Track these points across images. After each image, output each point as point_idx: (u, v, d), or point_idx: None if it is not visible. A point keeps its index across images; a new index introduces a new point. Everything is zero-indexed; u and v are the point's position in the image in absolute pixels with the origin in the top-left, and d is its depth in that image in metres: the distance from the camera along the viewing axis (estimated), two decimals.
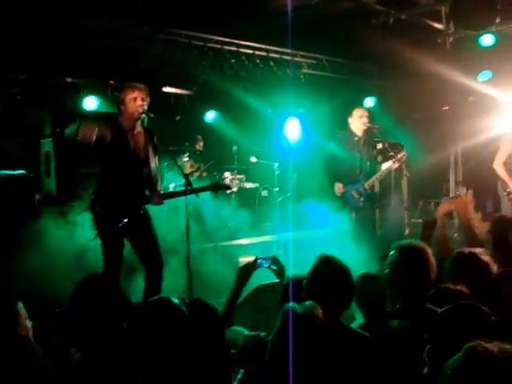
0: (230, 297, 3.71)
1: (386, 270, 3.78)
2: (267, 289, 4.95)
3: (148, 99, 5.77)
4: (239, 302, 4.09)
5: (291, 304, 2.96)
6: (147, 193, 5.85)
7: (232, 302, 3.69)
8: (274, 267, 4.00)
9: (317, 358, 2.82)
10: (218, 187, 5.81)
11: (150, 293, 5.55)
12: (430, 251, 3.85)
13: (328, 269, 3.43)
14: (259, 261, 3.94)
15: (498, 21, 8.64)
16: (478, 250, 4.18)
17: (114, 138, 5.66)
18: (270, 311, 3.97)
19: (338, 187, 7.91)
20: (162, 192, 6.02)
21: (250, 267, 3.88)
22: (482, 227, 5.78)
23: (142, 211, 5.80)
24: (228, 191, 5.97)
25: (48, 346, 3.15)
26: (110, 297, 3.26)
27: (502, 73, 9.74)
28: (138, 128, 5.84)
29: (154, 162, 5.91)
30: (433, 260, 3.79)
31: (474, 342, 2.00)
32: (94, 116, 5.80)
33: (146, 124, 5.95)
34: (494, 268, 3.98)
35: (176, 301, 2.98)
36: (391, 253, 3.84)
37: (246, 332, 3.30)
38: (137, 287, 5.84)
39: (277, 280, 4.07)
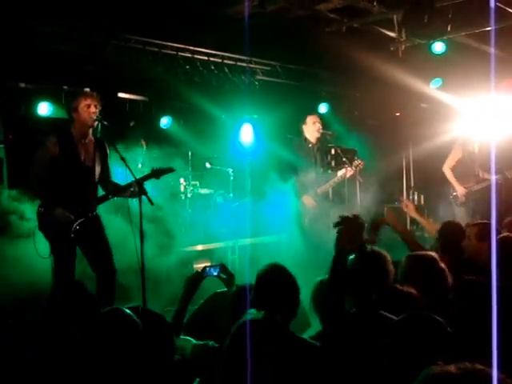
0: (178, 306, 3.72)
1: None
2: (222, 296, 4.94)
3: (99, 106, 5.73)
4: (195, 309, 4.10)
5: (249, 311, 2.95)
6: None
7: (180, 311, 3.69)
8: (222, 276, 4.01)
9: (274, 364, 2.84)
10: (160, 172, 5.76)
11: (103, 301, 5.52)
12: (387, 257, 3.90)
13: (269, 275, 3.37)
14: (207, 269, 3.95)
15: (448, 29, 8.81)
16: (433, 254, 4.23)
17: (63, 149, 5.61)
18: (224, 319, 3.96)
19: (307, 200, 7.96)
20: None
21: (198, 276, 3.89)
22: (432, 229, 5.87)
23: (91, 219, 5.75)
24: (171, 172, 5.89)
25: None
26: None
27: (452, 79, 9.97)
28: (90, 136, 5.78)
29: (105, 171, 5.90)
30: (390, 265, 3.83)
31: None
32: (49, 135, 5.74)
33: (99, 131, 5.89)
34: (449, 274, 4.03)
35: (128, 312, 2.92)
36: (349, 257, 3.84)
37: (194, 341, 3.31)
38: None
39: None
